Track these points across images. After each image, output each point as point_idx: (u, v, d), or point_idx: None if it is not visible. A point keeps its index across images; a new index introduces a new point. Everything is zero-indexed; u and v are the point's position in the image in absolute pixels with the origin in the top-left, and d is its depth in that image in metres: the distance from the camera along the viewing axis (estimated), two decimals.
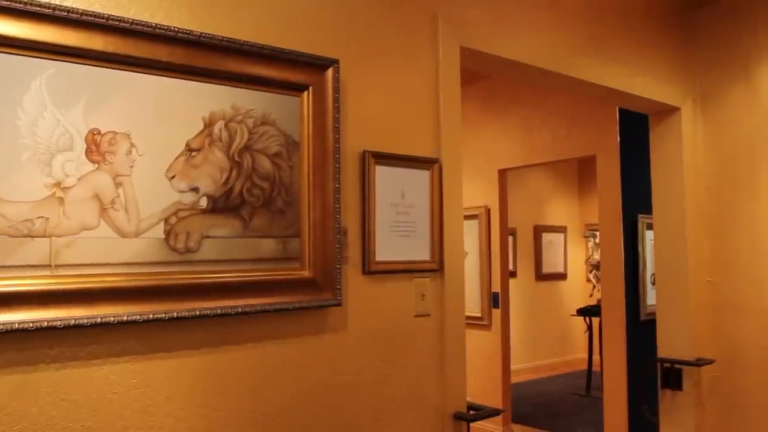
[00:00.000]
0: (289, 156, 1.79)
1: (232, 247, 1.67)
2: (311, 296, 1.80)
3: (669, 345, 3.27)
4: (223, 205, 1.66)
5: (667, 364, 3.24)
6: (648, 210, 3.42)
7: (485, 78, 5.77)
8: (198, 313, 1.57)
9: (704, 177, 3.33)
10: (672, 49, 3.26)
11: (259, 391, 1.72)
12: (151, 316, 1.50)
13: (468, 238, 5.87)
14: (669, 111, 3.29)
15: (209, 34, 1.62)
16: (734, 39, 3.23)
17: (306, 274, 1.80)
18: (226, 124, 1.67)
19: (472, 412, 2.19)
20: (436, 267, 2.14)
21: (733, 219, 3.22)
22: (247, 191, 1.70)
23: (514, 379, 6.88)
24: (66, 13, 1.42)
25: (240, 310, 1.65)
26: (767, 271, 3.08)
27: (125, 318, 1.46)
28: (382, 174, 2.00)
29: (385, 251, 2.00)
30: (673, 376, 3.22)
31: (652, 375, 3.33)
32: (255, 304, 1.68)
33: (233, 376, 1.67)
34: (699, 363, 3.15)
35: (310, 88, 1.83)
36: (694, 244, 3.25)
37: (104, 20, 1.46)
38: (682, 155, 3.25)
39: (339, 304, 1.85)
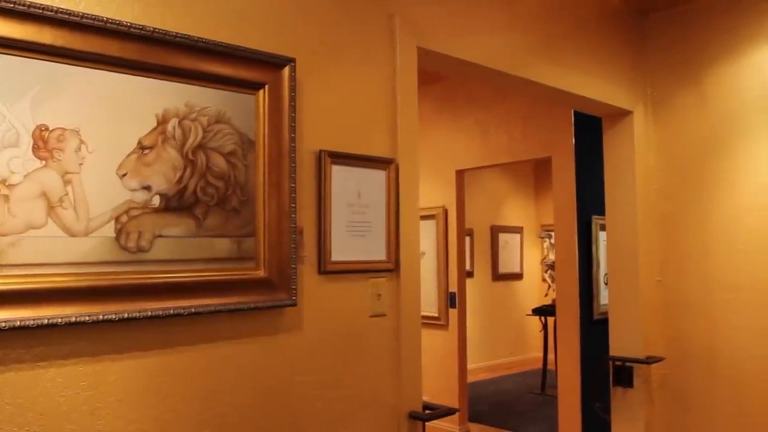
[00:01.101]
0: (244, 155, 1.77)
1: (186, 247, 1.64)
2: (266, 296, 1.79)
3: (621, 343, 3.34)
4: (176, 203, 1.63)
5: (618, 363, 3.31)
6: (602, 211, 3.48)
7: (443, 79, 5.80)
8: (150, 313, 1.54)
9: (655, 179, 3.40)
10: (625, 53, 3.33)
11: (213, 392, 1.69)
12: (100, 317, 1.46)
13: (425, 239, 5.89)
14: (621, 114, 3.35)
15: (163, 30, 1.60)
16: (685, 45, 3.31)
17: (261, 274, 1.78)
18: (179, 122, 1.64)
19: (427, 411, 2.20)
20: (392, 267, 2.14)
21: (682, 220, 3.30)
22: (201, 190, 1.68)
23: (470, 379, 6.93)
24: (12, 5, 1.37)
25: (193, 310, 1.63)
26: (715, 271, 3.17)
27: (73, 319, 1.43)
28: (338, 174, 2.00)
29: (341, 251, 1.99)
30: (624, 373, 3.29)
31: (605, 373, 3.40)
32: (209, 305, 1.66)
33: (186, 378, 1.65)
34: (649, 361, 3.23)
35: (266, 86, 1.82)
36: (645, 245, 3.33)
37: (53, 13, 1.43)
38: (634, 158, 3.32)
39: (294, 305, 1.84)
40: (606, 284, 4.52)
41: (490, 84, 3.00)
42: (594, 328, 4.72)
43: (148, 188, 1.58)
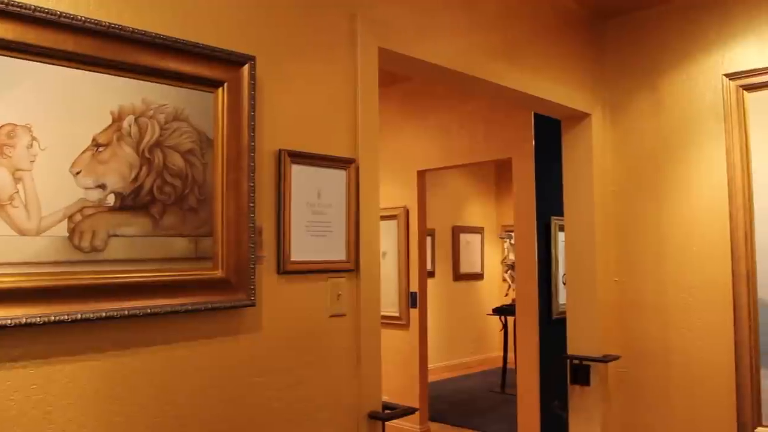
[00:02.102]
0: (202, 153, 1.75)
1: (141, 246, 1.61)
2: (224, 296, 1.77)
3: (578, 342, 3.39)
4: (132, 202, 1.60)
5: (576, 361, 3.36)
6: (561, 212, 3.53)
7: (405, 80, 5.82)
8: (104, 314, 1.51)
9: (612, 181, 3.47)
10: (584, 57, 3.39)
11: (169, 394, 1.67)
12: (52, 318, 1.43)
13: (387, 239, 5.91)
14: (580, 117, 3.41)
15: (119, 25, 1.57)
16: (642, 50, 3.38)
17: (219, 274, 1.76)
18: (136, 119, 1.61)
19: (387, 411, 2.20)
20: (352, 267, 2.14)
21: (638, 222, 3.37)
22: (157, 189, 1.65)
23: (431, 378, 6.97)
24: None
25: (149, 311, 1.60)
26: (669, 271, 3.24)
27: (24, 320, 1.39)
28: (298, 173, 1.99)
29: (301, 251, 1.98)
30: (581, 372, 3.34)
31: (563, 372, 3.44)
32: (165, 305, 1.63)
33: (141, 380, 1.62)
34: (606, 359, 3.28)
35: (225, 84, 1.80)
36: (602, 246, 3.38)
37: (4, 5, 1.39)
38: (592, 160, 3.38)
39: (253, 305, 1.82)
40: (565, 284, 4.59)
41: (452, 86, 3.02)
42: (553, 328, 4.77)
43: (102, 186, 1.55)
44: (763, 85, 2.95)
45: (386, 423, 2.22)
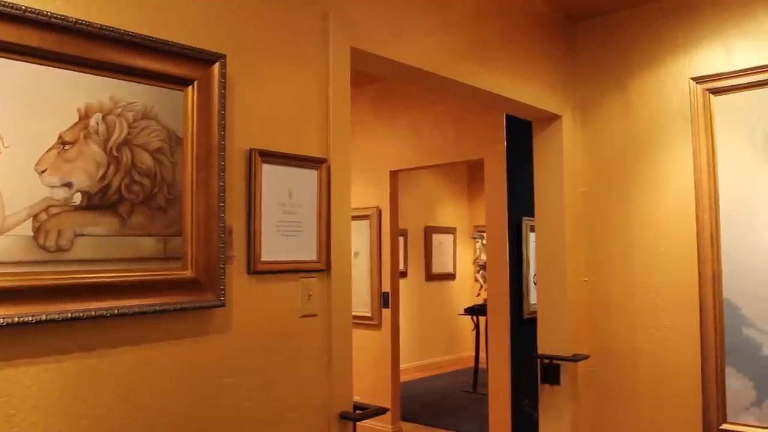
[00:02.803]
0: (171, 152, 1.73)
1: (109, 246, 1.59)
2: (193, 297, 1.75)
3: (548, 342, 3.42)
4: (99, 201, 1.58)
5: (546, 360, 3.39)
6: (532, 213, 3.56)
7: (378, 80, 5.82)
8: (69, 315, 1.48)
9: (582, 182, 3.50)
10: (555, 58, 3.42)
11: (137, 395, 1.64)
12: (16, 319, 1.40)
13: (359, 239, 5.90)
14: (551, 118, 3.44)
15: (86, 21, 1.54)
16: (612, 53, 3.42)
17: (188, 274, 1.74)
18: (103, 117, 1.59)
19: (358, 411, 2.20)
20: (323, 267, 2.13)
21: (607, 223, 3.41)
22: (125, 187, 1.63)
23: (403, 378, 6.98)
24: None
25: (116, 311, 1.57)
26: (638, 272, 3.28)
27: None
28: (269, 173, 1.97)
29: (272, 251, 1.97)
30: (551, 371, 3.37)
31: (533, 371, 3.47)
32: (132, 306, 1.61)
33: (108, 382, 1.59)
34: (575, 358, 3.32)
35: (195, 82, 1.78)
36: (572, 246, 3.42)
37: None
38: (562, 161, 3.41)
39: (223, 305, 1.81)
40: (535, 284, 4.63)
41: (424, 86, 3.03)
42: (524, 327, 4.81)
43: (68, 185, 1.52)
44: (729, 89, 3.00)
45: (358, 423, 2.22)
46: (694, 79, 3.10)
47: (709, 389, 3.00)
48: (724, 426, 2.96)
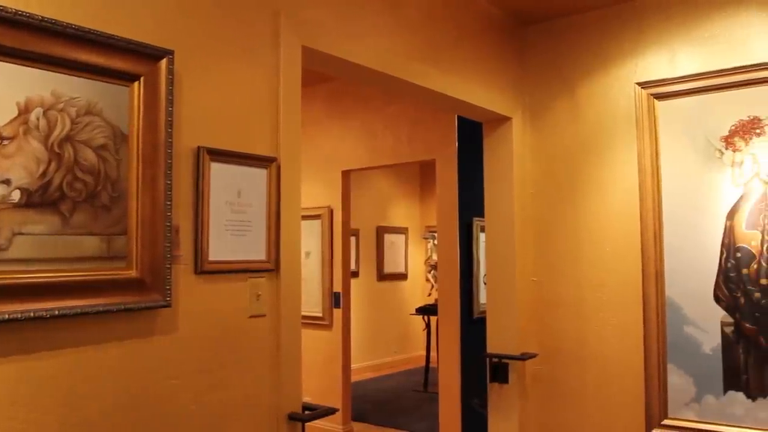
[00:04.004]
0: (116, 149, 1.69)
1: (49, 245, 1.54)
2: (138, 297, 1.71)
3: (497, 341, 3.46)
4: (39, 199, 1.53)
5: (495, 359, 3.42)
6: (483, 213, 3.60)
7: (331, 79, 5.80)
8: (7, 317, 1.43)
9: (531, 184, 3.55)
10: (505, 61, 3.46)
11: (79, 399, 1.60)
12: None
13: (310, 239, 5.87)
14: (501, 120, 3.48)
15: (26, 13, 1.49)
16: (561, 57, 3.48)
17: (133, 273, 1.71)
18: (44, 112, 1.54)
19: (307, 412, 2.19)
20: (272, 267, 2.11)
21: (555, 223, 3.47)
22: (67, 185, 1.58)
23: (354, 378, 6.97)
24: None
25: (57, 312, 1.53)
26: (585, 271, 3.35)
27: None
28: (217, 171, 1.94)
29: (220, 251, 1.94)
30: (500, 370, 3.41)
31: (483, 370, 3.51)
32: (74, 306, 1.57)
33: (48, 385, 1.54)
34: (524, 357, 3.36)
35: (142, 78, 1.74)
36: (521, 246, 3.47)
37: None
38: (512, 162, 3.45)
39: (168, 305, 1.78)
40: (485, 284, 4.68)
41: (376, 86, 3.03)
42: (474, 327, 4.86)
43: (6, 182, 1.47)
44: (672, 95, 3.09)
45: (308, 424, 2.21)
46: (639, 84, 3.18)
47: (651, 386, 3.08)
48: (666, 421, 3.04)
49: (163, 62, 1.78)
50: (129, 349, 1.72)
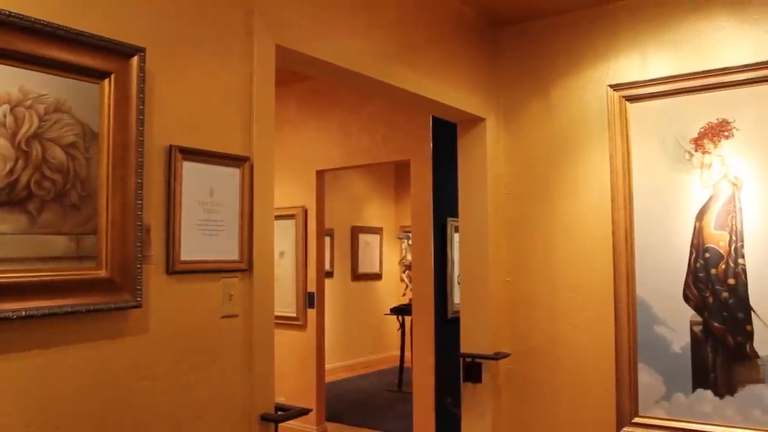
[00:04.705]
0: (86, 147, 1.67)
1: (16, 245, 1.52)
2: (108, 297, 1.69)
3: (471, 340, 3.47)
4: (6, 198, 1.50)
5: (468, 359, 3.44)
6: (457, 213, 3.61)
7: (306, 78, 5.77)
8: None
9: (505, 184, 3.57)
10: (480, 62, 3.48)
11: (47, 401, 1.57)
12: None
13: (285, 239, 5.85)
14: (475, 121, 3.49)
15: None
16: (535, 58, 3.50)
17: (102, 273, 1.68)
18: (11, 109, 1.52)
19: (280, 412, 2.18)
20: (245, 267, 2.10)
21: (529, 224, 3.49)
22: (35, 184, 1.56)
23: (329, 378, 6.96)
24: None
25: (24, 313, 1.50)
26: (557, 270, 3.37)
27: None
28: (189, 170, 1.93)
29: (192, 250, 1.93)
30: (473, 369, 3.43)
31: (456, 369, 3.52)
32: (42, 307, 1.54)
33: (15, 387, 1.52)
34: (497, 357, 3.38)
35: (112, 76, 1.72)
36: (495, 247, 3.49)
37: None
38: (486, 163, 3.47)
39: (139, 306, 1.75)
40: (459, 284, 4.70)
41: (350, 86, 3.03)
42: (448, 327, 4.87)
43: None
44: (643, 97, 3.13)
45: (281, 424, 2.19)
46: (611, 86, 3.21)
47: (622, 384, 3.12)
48: (636, 419, 3.08)
49: (135, 60, 1.76)
50: (99, 350, 1.70)
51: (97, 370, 1.69)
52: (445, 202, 4.89)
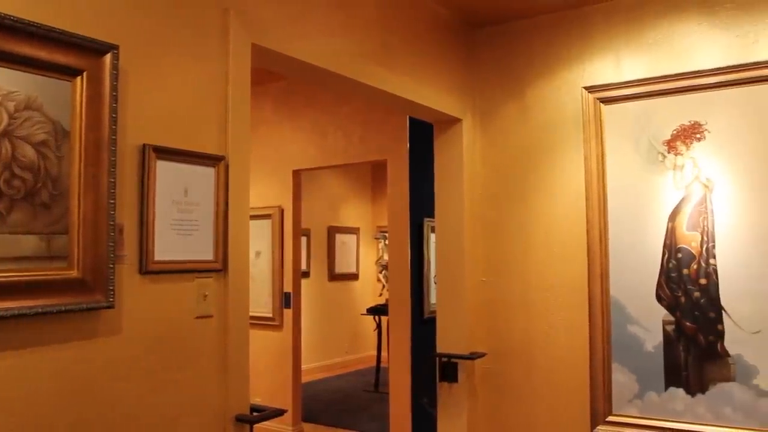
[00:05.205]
0: (57, 146, 1.64)
1: None
2: (80, 298, 1.66)
3: (447, 340, 3.48)
4: None
5: (444, 359, 3.45)
6: (433, 214, 3.62)
7: (282, 78, 5.75)
8: None
9: (481, 185, 3.59)
10: (457, 63, 3.49)
11: (16, 404, 1.55)
12: None
13: (261, 239, 5.82)
14: (452, 121, 3.50)
15: None
16: (511, 60, 3.52)
17: (74, 274, 1.66)
18: None
19: (255, 413, 2.16)
20: (219, 267, 2.08)
21: (505, 224, 3.51)
22: (5, 182, 1.53)
23: (305, 379, 6.94)
24: None
25: None
26: (533, 271, 3.39)
27: None
28: (163, 169, 1.91)
29: (166, 250, 1.91)
30: (449, 369, 3.44)
31: (433, 369, 3.53)
32: (11, 308, 1.51)
33: None
34: (473, 356, 3.39)
35: (85, 73, 1.70)
36: (471, 247, 3.50)
37: None
38: (462, 164, 3.48)
39: (112, 306, 1.73)
40: (436, 284, 4.71)
41: (327, 86, 3.02)
42: (424, 327, 4.89)
43: None
44: (617, 99, 3.16)
45: (257, 425, 2.18)
46: (586, 88, 3.24)
47: (596, 384, 3.14)
48: (610, 418, 3.11)
49: (108, 57, 1.74)
50: (70, 352, 1.67)
51: (69, 372, 1.67)
52: (422, 202, 4.90)
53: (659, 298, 3.03)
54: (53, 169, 1.63)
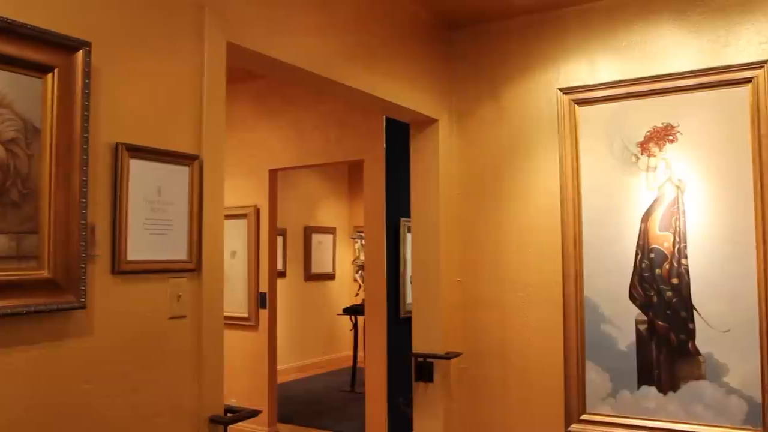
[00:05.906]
0: (27, 143, 1.62)
1: None
2: (50, 298, 1.64)
3: (423, 340, 3.49)
4: None
5: (420, 359, 3.45)
6: (409, 214, 3.62)
7: (259, 77, 5.72)
8: None
9: (457, 185, 3.60)
10: (433, 64, 3.49)
11: None
12: None
13: (236, 238, 5.78)
14: (428, 122, 3.51)
15: None
16: (487, 61, 3.54)
17: (45, 274, 1.63)
18: None
19: (229, 414, 2.15)
20: (193, 267, 2.06)
21: (480, 225, 3.53)
22: None
23: (281, 379, 6.91)
24: None
25: None
26: (508, 271, 3.42)
27: None
28: (137, 168, 1.89)
29: (139, 250, 1.89)
30: (425, 369, 3.45)
31: (409, 369, 3.53)
32: None
33: None
34: (448, 356, 3.40)
35: (56, 70, 1.67)
36: (446, 247, 3.51)
37: None
38: (438, 164, 3.49)
39: (83, 307, 1.71)
40: (412, 284, 4.71)
41: (304, 85, 3.01)
42: (400, 327, 4.88)
43: None
44: (592, 101, 3.19)
45: (231, 426, 2.17)
46: (561, 89, 3.27)
47: (570, 383, 3.17)
48: (584, 416, 3.14)
49: (80, 54, 1.72)
50: (40, 353, 1.65)
51: (39, 374, 1.64)
52: (398, 202, 4.89)
53: (632, 298, 3.07)
54: (23, 168, 1.60)
